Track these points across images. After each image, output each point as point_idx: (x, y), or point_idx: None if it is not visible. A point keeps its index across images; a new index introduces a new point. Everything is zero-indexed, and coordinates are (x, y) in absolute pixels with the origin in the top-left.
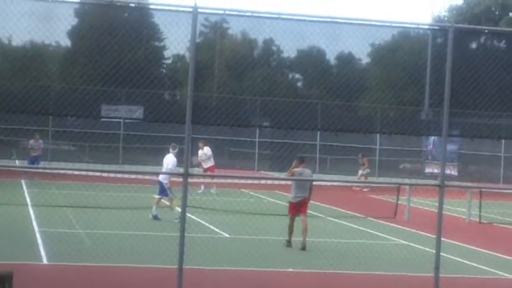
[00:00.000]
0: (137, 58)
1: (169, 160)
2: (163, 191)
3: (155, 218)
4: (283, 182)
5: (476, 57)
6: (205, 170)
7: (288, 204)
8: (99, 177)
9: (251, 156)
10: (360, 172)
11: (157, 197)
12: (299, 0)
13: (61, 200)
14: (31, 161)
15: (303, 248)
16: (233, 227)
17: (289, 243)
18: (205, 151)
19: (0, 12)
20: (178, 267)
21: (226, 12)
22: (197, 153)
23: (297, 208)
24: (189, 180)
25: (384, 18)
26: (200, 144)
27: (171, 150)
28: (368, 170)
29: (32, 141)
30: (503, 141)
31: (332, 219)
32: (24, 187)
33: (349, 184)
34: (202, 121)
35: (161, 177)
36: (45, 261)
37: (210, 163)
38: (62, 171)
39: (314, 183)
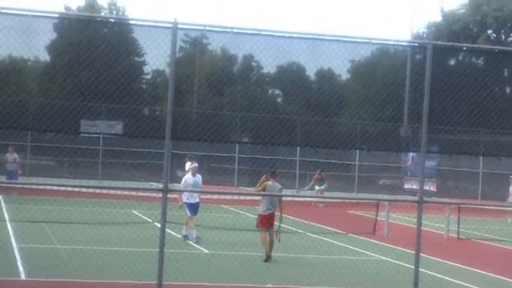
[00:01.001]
0: (117, 73)
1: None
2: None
3: (186, 238)
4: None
5: (454, 74)
6: None
7: (256, 218)
8: (78, 193)
9: (230, 171)
10: (317, 188)
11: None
12: (280, 16)
13: (40, 216)
14: (9, 176)
15: (268, 260)
16: (212, 243)
17: (269, 257)
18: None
19: None
20: (157, 283)
21: (207, 28)
22: (183, 167)
23: (268, 221)
24: (168, 195)
25: (363, 35)
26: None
27: (189, 162)
28: (326, 185)
29: (7, 155)
30: (481, 157)
31: (312, 235)
32: (2, 202)
33: (328, 200)
34: (182, 136)
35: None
36: (23, 277)
37: None
38: (41, 187)
39: (294, 199)
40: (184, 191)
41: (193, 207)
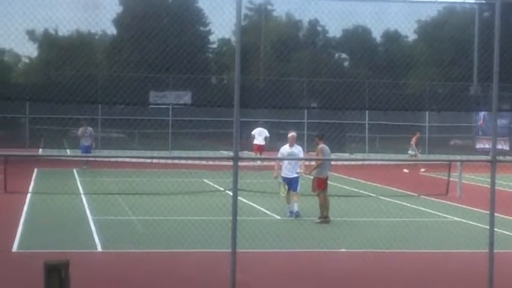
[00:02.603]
0: (183, 44)
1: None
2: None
3: (297, 215)
4: (333, 162)
5: None
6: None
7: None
8: (150, 164)
9: (300, 137)
10: (411, 152)
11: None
12: None
13: (113, 188)
14: (84, 150)
15: (324, 221)
16: (284, 209)
17: (325, 218)
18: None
19: (47, 3)
20: (231, 251)
21: None
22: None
23: (325, 184)
24: (239, 163)
25: None
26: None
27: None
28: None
29: (81, 129)
30: None
31: (384, 198)
32: (76, 176)
33: (399, 163)
34: (250, 104)
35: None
36: (99, 248)
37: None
38: (113, 159)
39: (365, 162)
40: (255, 158)
41: (290, 182)
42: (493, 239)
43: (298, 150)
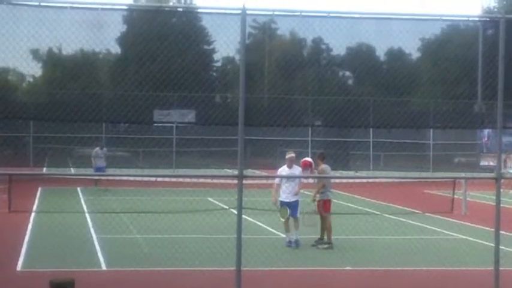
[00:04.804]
0: (187, 62)
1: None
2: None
3: (296, 243)
4: (337, 180)
5: None
6: None
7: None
8: (154, 182)
9: (304, 156)
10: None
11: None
12: None
13: (117, 206)
14: (98, 171)
15: (322, 244)
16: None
17: (330, 244)
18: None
19: (51, 22)
20: (236, 269)
21: (275, 12)
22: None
23: (329, 206)
24: (244, 181)
25: (432, 12)
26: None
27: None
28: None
29: (97, 149)
30: None
31: (388, 216)
32: (80, 194)
33: (404, 180)
34: (255, 122)
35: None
36: (104, 267)
37: None
38: (118, 178)
39: (370, 180)
40: (260, 177)
41: (288, 207)
42: (498, 256)
43: (298, 171)
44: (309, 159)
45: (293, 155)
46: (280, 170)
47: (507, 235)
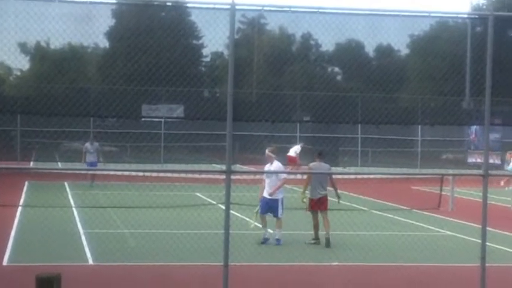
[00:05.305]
0: (176, 57)
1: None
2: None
3: (278, 242)
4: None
5: None
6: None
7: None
8: (142, 177)
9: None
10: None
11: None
12: None
13: (105, 201)
14: (89, 166)
15: (328, 245)
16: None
17: (316, 240)
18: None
19: (39, 15)
20: (224, 264)
21: (265, 8)
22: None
23: (318, 205)
24: (232, 177)
25: (422, 9)
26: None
27: (271, 154)
28: None
29: (87, 144)
30: None
31: (376, 212)
32: (68, 189)
33: (391, 177)
34: (243, 117)
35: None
36: (91, 262)
37: None
38: (105, 172)
39: (358, 176)
40: (248, 172)
41: (268, 204)
42: (484, 253)
43: (275, 167)
44: (292, 154)
45: (269, 149)
46: (266, 166)
47: (494, 232)
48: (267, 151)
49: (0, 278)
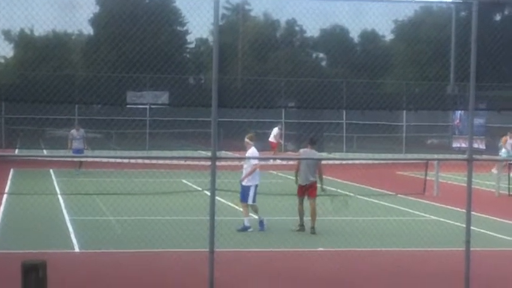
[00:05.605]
0: (160, 43)
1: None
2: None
3: (243, 229)
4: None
5: (501, 30)
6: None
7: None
8: (127, 164)
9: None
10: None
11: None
12: None
13: (90, 188)
14: (76, 153)
15: (313, 233)
16: (261, 208)
17: (301, 226)
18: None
19: (23, 2)
20: (209, 250)
21: None
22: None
23: (306, 192)
24: (217, 163)
25: None
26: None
27: (249, 141)
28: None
29: (73, 131)
30: None
31: (361, 197)
32: (53, 176)
33: (377, 162)
34: (228, 104)
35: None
36: (77, 249)
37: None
38: (90, 159)
39: (343, 162)
40: (232, 158)
41: (241, 191)
42: (469, 237)
43: (249, 153)
44: (272, 139)
45: (246, 137)
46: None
47: (478, 216)
48: (245, 138)
49: None
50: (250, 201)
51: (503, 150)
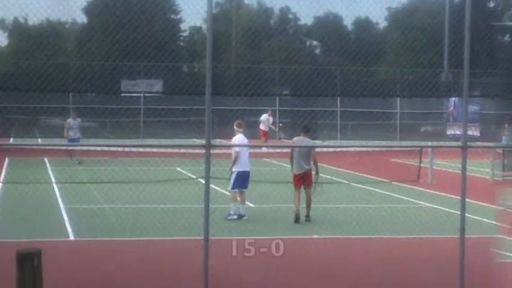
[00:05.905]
0: (154, 32)
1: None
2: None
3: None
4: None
5: (494, 16)
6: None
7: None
8: (122, 153)
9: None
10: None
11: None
12: None
13: (85, 176)
14: (71, 142)
15: (308, 221)
16: (257, 196)
17: (297, 219)
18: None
19: None
20: (204, 238)
21: None
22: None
23: (302, 180)
24: (212, 151)
25: None
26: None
27: (237, 128)
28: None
29: (69, 120)
30: None
31: (356, 184)
32: (48, 165)
33: (371, 149)
34: (222, 92)
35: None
36: (72, 237)
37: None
38: (85, 148)
39: (338, 149)
40: (226, 145)
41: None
42: (464, 224)
43: (234, 140)
44: (262, 127)
45: (235, 125)
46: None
47: (473, 203)
48: (234, 125)
49: None
50: (229, 187)
51: (504, 137)
